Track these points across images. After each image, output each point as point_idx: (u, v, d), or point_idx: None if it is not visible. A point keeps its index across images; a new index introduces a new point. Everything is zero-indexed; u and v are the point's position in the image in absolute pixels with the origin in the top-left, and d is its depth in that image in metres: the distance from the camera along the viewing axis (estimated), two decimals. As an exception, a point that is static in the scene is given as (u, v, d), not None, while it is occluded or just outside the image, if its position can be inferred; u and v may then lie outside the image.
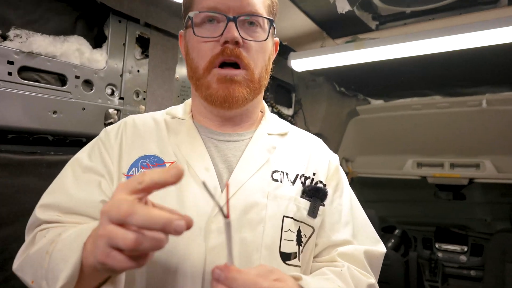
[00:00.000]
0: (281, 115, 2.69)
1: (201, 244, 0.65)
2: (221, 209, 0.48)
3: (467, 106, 2.59)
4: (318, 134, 2.97)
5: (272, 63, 0.80)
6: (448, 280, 3.38)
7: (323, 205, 0.77)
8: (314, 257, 0.78)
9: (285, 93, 2.81)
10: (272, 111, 2.60)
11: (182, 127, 0.78)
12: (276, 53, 0.84)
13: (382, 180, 3.43)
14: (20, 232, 1.22)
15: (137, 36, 1.54)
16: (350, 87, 2.89)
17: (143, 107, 1.57)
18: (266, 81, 0.78)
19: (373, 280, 0.74)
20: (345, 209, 0.80)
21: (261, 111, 0.86)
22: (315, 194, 0.76)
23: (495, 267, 2.73)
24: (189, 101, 0.86)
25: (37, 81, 1.21)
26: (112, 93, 1.46)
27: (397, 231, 3.57)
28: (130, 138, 0.76)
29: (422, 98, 2.79)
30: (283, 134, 0.83)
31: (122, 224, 0.42)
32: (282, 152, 0.79)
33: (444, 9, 1.69)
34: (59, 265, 0.53)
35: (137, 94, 1.55)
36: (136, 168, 0.71)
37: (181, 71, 1.75)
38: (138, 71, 1.55)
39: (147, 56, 1.59)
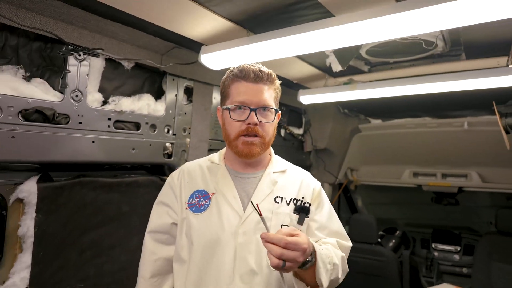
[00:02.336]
0: (292, 135, 3.20)
1: (232, 241, 1.07)
2: (257, 211, 0.96)
3: (452, 126, 3.01)
4: (325, 149, 3.48)
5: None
6: (443, 277, 3.75)
7: (308, 217, 1.17)
8: None
9: (296, 115, 3.31)
10: (285, 133, 3.11)
11: (218, 170, 1.21)
12: (278, 119, 1.25)
13: (385, 185, 3.85)
14: (105, 234, 1.73)
15: (185, 88, 2.08)
16: (352, 109, 3.36)
17: (188, 140, 2.12)
18: (272, 141, 1.18)
19: (344, 254, 1.15)
20: (324, 219, 1.20)
21: (269, 154, 1.26)
22: (301, 210, 1.16)
23: (483, 265, 3.09)
24: (222, 151, 1.28)
25: (122, 129, 1.77)
26: (168, 131, 2.01)
27: (397, 232, 3.99)
28: (187, 179, 1.21)
29: (415, 118, 3.21)
30: (283, 171, 1.23)
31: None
32: (282, 184, 1.19)
33: (420, 59, 2.15)
34: None
35: (184, 130, 2.10)
36: (192, 199, 1.16)
37: (213, 109, 2.28)
38: (185, 113, 2.10)
39: (191, 101, 2.13)
